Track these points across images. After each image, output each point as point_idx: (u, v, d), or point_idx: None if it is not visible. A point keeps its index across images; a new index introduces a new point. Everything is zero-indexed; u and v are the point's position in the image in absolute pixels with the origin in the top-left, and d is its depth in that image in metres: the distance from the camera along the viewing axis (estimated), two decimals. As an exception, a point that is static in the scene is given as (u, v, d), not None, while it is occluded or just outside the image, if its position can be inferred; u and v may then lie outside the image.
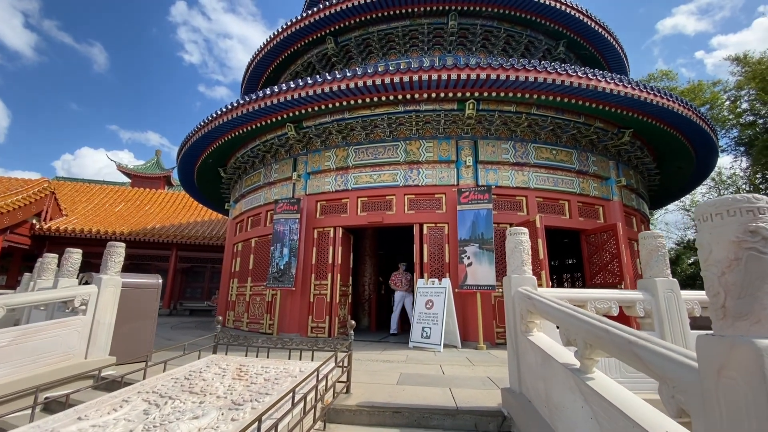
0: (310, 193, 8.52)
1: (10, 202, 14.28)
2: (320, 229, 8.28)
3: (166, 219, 19.52)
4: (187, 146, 9.75)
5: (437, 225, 7.59)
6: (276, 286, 7.81)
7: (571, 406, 2.15)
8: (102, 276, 4.43)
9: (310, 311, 7.89)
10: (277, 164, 9.32)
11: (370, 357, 5.50)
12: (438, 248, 7.48)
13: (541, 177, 7.98)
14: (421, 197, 7.82)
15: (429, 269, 7.38)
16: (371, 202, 8.06)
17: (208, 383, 3.02)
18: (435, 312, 6.42)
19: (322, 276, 8.01)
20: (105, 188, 21.71)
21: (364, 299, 10.22)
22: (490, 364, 5.10)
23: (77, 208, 18.92)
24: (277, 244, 8.02)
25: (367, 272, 10.46)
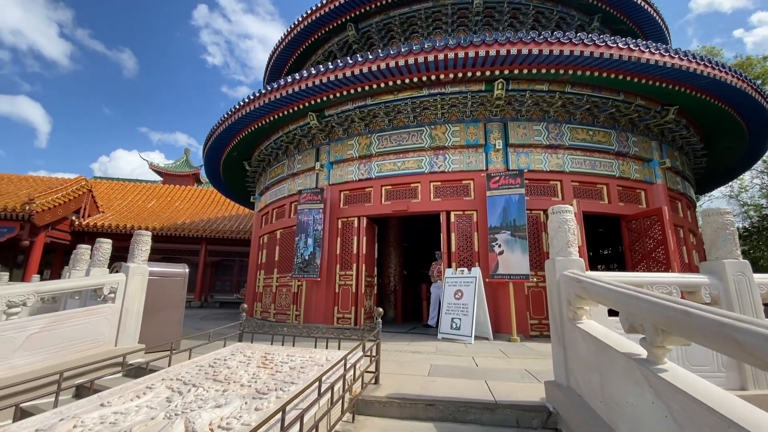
0: (333, 183, 8.38)
1: (51, 199, 15.00)
2: (344, 219, 8.13)
3: (195, 214, 20.04)
4: (212, 140, 9.82)
5: (465, 213, 7.26)
6: (301, 277, 7.74)
7: (637, 401, 1.86)
8: (129, 264, 4.43)
9: (336, 302, 7.78)
10: (300, 155, 9.23)
11: (398, 348, 5.30)
12: (466, 237, 7.17)
13: (576, 160, 7.48)
14: (447, 184, 7.51)
15: (457, 258, 7.08)
16: (395, 190, 7.82)
17: (232, 371, 2.90)
18: (465, 302, 6.14)
19: (347, 266, 7.87)
20: (138, 186, 22.53)
21: (390, 291, 10.04)
22: (526, 357, 4.78)
23: (113, 205, 19.72)
24: (302, 235, 7.94)
25: (392, 264, 10.26)
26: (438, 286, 8.10)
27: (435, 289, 8.16)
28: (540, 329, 6.68)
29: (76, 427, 2.08)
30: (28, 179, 17.43)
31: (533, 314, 6.72)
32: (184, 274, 5.20)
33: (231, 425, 2.03)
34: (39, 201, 14.32)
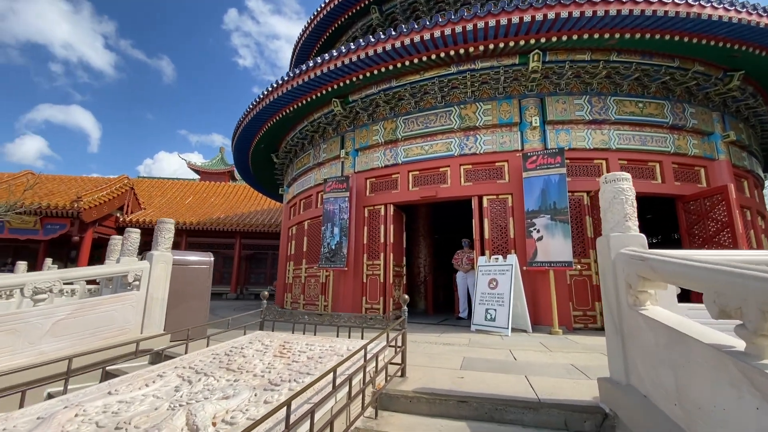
0: (358, 171, 8.13)
1: (97, 197, 15.86)
2: (370, 207, 7.87)
3: (229, 209, 20.60)
4: (239, 132, 9.85)
5: (499, 197, 6.78)
6: (328, 267, 7.58)
7: (732, 406, 1.44)
8: (153, 252, 4.40)
9: (364, 292, 7.56)
10: (325, 143, 9.05)
11: (428, 339, 4.98)
12: (500, 222, 6.69)
13: (624, 135, 6.76)
14: (479, 167, 7.04)
15: (491, 246, 6.63)
16: (423, 175, 7.44)
17: (247, 360, 2.71)
18: (500, 292, 5.70)
19: (375, 256, 7.62)
20: (176, 183, 23.48)
21: (420, 281, 9.71)
22: (570, 350, 4.31)
23: (153, 202, 20.64)
24: (328, 224, 7.76)
25: (421, 254, 9.91)
26: (463, 275, 7.68)
27: (460, 278, 7.74)
28: (584, 321, 6.12)
29: (77, 416, 1.94)
30: (77, 179, 18.56)
31: (577, 305, 6.16)
32: (209, 262, 5.14)
33: (235, 419, 1.81)
34: (86, 199, 15.18)
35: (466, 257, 7.70)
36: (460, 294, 7.72)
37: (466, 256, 7.71)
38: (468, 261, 7.63)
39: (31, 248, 18.48)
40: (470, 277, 7.55)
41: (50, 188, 16.82)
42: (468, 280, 7.58)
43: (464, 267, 7.66)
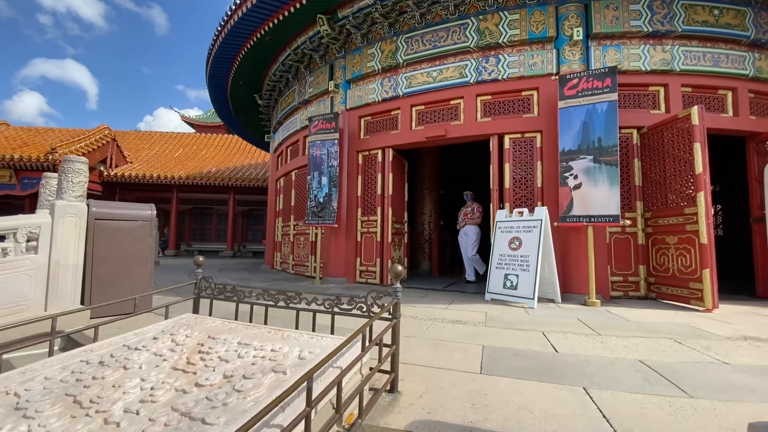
0: (351, 107, 6.69)
1: (74, 149, 14.59)
2: (365, 152, 6.53)
3: (222, 162, 19.29)
4: (211, 61, 8.26)
5: (524, 135, 5.39)
6: (315, 223, 6.41)
7: None
8: (56, 202, 3.20)
9: (358, 252, 6.45)
10: (312, 76, 7.52)
11: (433, 314, 3.89)
12: (525, 168, 5.36)
13: (692, 53, 5.20)
14: (501, 97, 5.58)
15: (512, 197, 5.36)
16: (430, 110, 6.01)
17: (125, 376, 1.59)
18: (524, 254, 4.52)
19: (370, 210, 6.41)
20: (165, 135, 22.00)
21: (424, 240, 8.58)
22: (624, 333, 3.18)
23: (140, 155, 19.35)
24: (314, 173, 6.49)
25: (426, 209, 8.69)
26: (465, 232, 6.54)
27: (461, 237, 6.60)
28: (624, 288, 4.99)
29: None
30: (55, 131, 17.19)
31: (616, 269, 5.00)
32: (149, 216, 3.96)
33: None
34: (61, 150, 13.93)
35: (463, 213, 6.52)
36: (464, 256, 6.62)
37: (463, 212, 6.52)
38: (463, 216, 6.45)
39: (15, 204, 17.61)
40: (464, 236, 6.42)
41: (25, 139, 15.53)
42: (466, 239, 6.45)
43: (459, 224, 6.53)
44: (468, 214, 6.54)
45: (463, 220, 6.58)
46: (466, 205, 6.70)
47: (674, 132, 4.65)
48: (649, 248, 4.99)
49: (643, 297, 4.96)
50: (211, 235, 19.19)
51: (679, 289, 4.51)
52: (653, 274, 4.90)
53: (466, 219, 6.54)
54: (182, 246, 18.51)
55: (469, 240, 6.43)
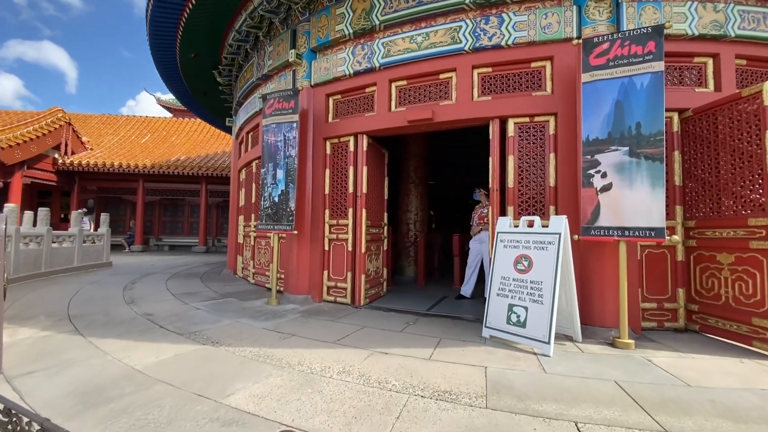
0: (316, 83, 5.37)
1: (19, 134, 12.92)
2: (334, 139, 5.26)
3: (192, 150, 17.73)
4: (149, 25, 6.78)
5: (534, 120, 4.18)
6: (268, 229, 5.15)
7: None
8: None
9: (325, 264, 5.24)
10: (271, 45, 6.15)
11: (411, 374, 2.70)
12: (535, 161, 4.17)
13: (750, 15, 4.01)
14: (504, 69, 4.34)
15: (516, 199, 4.17)
16: (413, 86, 4.75)
17: None
18: (536, 279, 3.36)
19: (340, 212, 5.18)
20: (131, 119, 20.23)
21: (408, 242, 7.41)
22: (695, 419, 2.05)
23: (103, 141, 17.67)
24: (269, 165, 5.20)
25: (412, 206, 7.50)
26: (478, 239, 5.37)
27: (475, 243, 5.43)
28: (658, 318, 3.91)
29: None
30: (2, 113, 15.39)
31: (648, 292, 3.91)
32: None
33: None
34: (3, 136, 12.27)
35: (477, 214, 5.35)
36: (470, 264, 5.46)
37: (478, 214, 5.35)
38: (480, 220, 5.28)
39: (-39, 195, 15.88)
40: (485, 243, 5.26)
41: (-38, 122, 13.77)
42: (483, 247, 5.29)
43: (473, 229, 5.34)
44: (484, 216, 5.36)
45: (478, 225, 5.40)
46: (481, 206, 5.52)
47: (734, 116, 3.50)
48: (691, 267, 3.88)
49: (682, 329, 3.88)
50: (183, 229, 17.77)
51: (735, 325, 3.43)
52: (696, 301, 3.81)
53: (482, 223, 5.36)
54: (151, 240, 17.06)
55: (486, 247, 5.26)
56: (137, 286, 6.48)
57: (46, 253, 7.62)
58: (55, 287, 6.16)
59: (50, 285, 6.39)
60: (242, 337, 3.54)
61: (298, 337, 3.54)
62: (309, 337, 3.54)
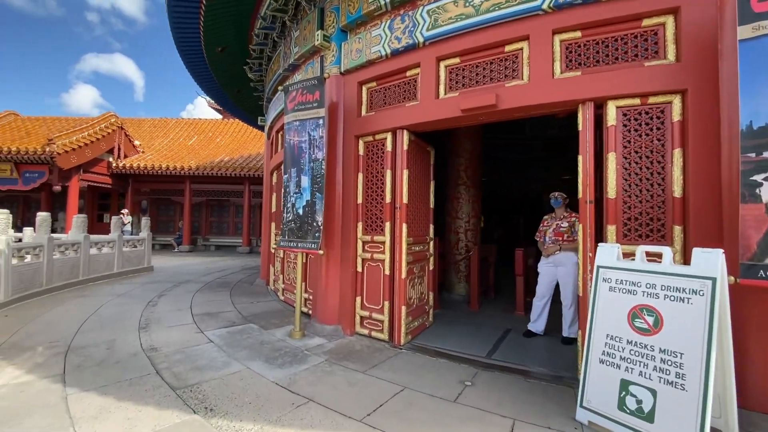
0: (347, 70, 4.43)
1: (75, 139, 13.45)
2: (368, 137, 4.29)
3: (235, 150, 17.74)
4: (170, 15, 6.23)
5: (646, 101, 2.91)
6: (291, 246, 4.32)
7: None
8: None
9: (358, 289, 4.32)
10: (298, 29, 5.31)
11: None
12: (648, 161, 2.91)
13: None
14: (600, 32, 3.10)
15: (620, 216, 2.94)
16: (469, 65, 3.64)
17: None
18: (673, 348, 2.16)
19: (375, 227, 4.22)
20: (180, 122, 20.78)
21: (458, 254, 6.30)
22: None
23: (154, 144, 18.23)
24: (291, 170, 4.36)
25: (462, 211, 6.37)
26: (552, 262, 4.18)
27: (548, 267, 4.23)
28: None
29: None
30: (61, 120, 16.30)
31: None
32: None
33: None
34: (59, 142, 12.80)
35: (553, 228, 4.15)
36: (540, 290, 4.28)
37: (553, 227, 4.16)
38: (555, 235, 4.08)
39: (34, 198, 17.15)
40: (562, 266, 4.06)
41: (29, 130, 14.67)
42: (559, 271, 4.10)
43: (547, 248, 4.16)
44: (563, 231, 4.15)
45: (554, 242, 4.21)
46: (555, 217, 4.32)
47: None
48: None
49: None
50: (228, 229, 17.92)
51: None
52: None
53: (559, 239, 4.18)
54: (199, 240, 17.37)
55: (564, 272, 4.06)
56: (162, 301, 6.01)
57: (83, 261, 7.48)
58: (79, 301, 5.85)
59: (78, 298, 6.11)
60: (246, 399, 2.72)
61: (314, 405, 2.64)
62: (329, 406, 2.63)
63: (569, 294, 4.06)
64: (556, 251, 4.13)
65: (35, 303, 5.67)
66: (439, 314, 5.02)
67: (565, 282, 4.08)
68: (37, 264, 6.20)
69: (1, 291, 5.30)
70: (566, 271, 4.05)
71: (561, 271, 4.11)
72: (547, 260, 4.24)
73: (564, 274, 4.08)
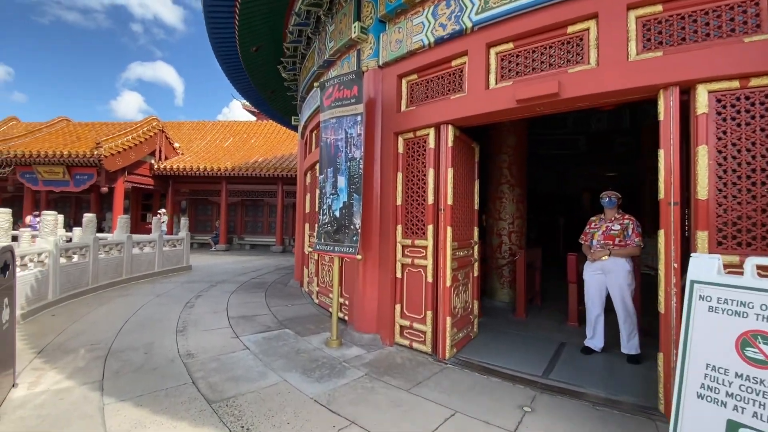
0: (386, 62, 4.16)
1: (120, 143, 14.09)
2: (408, 134, 4.01)
3: (269, 151, 17.99)
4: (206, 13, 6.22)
5: (748, 84, 2.43)
6: (327, 250, 4.11)
7: None
8: None
9: (398, 296, 4.05)
10: (333, 23, 5.10)
11: None
12: (751, 155, 2.43)
13: None
14: (684, 7, 2.64)
15: (713, 222, 2.48)
16: (524, 50, 3.26)
17: None
18: (803, 387, 1.73)
19: (416, 230, 3.94)
20: (216, 124, 21.39)
21: (501, 258, 5.90)
22: None
23: (192, 146, 18.85)
24: (328, 171, 4.15)
25: (505, 212, 5.95)
26: (600, 269, 3.74)
27: (595, 274, 3.80)
28: None
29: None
30: (108, 125, 17.15)
31: None
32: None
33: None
34: (106, 145, 13.44)
35: (602, 231, 3.72)
36: (590, 301, 3.86)
37: (602, 230, 3.73)
38: (605, 239, 3.65)
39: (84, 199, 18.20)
40: (611, 274, 3.63)
41: (79, 134, 15.53)
42: (608, 279, 3.68)
43: (594, 252, 3.74)
44: (615, 235, 3.71)
45: (603, 246, 3.76)
46: (605, 216, 3.88)
47: None
48: None
49: None
50: (262, 228, 18.25)
51: None
52: None
53: (609, 243, 3.75)
54: (234, 239, 17.80)
55: (614, 281, 3.64)
56: (199, 302, 6.02)
57: (126, 260, 7.70)
58: (121, 301, 5.97)
59: (120, 297, 6.24)
60: (283, 417, 2.52)
61: (357, 430, 2.40)
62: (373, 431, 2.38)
63: (621, 305, 3.62)
64: (604, 257, 3.68)
65: (81, 302, 5.84)
66: (482, 323, 4.66)
67: (616, 292, 3.65)
68: (83, 264, 6.40)
69: (50, 290, 5.47)
70: (617, 280, 3.62)
71: (610, 279, 3.67)
72: (593, 267, 3.80)
73: (614, 283, 3.64)
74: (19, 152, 13.19)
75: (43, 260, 5.41)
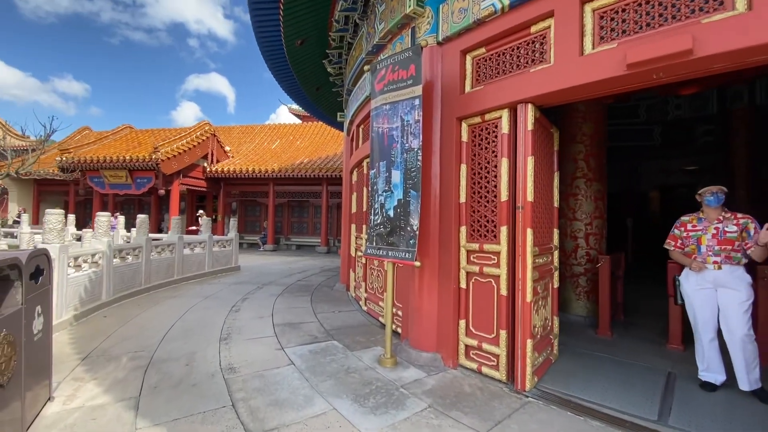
0: (446, 38, 3.58)
1: (176, 147, 14.71)
2: (474, 118, 3.39)
3: (313, 152, 18.03)
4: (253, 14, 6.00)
5: None
6: (380, 255, 3.60)
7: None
8: None
9: (462, 311, 3.45)
10: (384, 3, 4.60)
11: None
12: None
13: None
14: None
15: None
16: (633, 2, 2.53)
17: None
18: None
19: (484, 233, 3.31)
20: (264, 127, 21.91)
21: (576, 264, 5.07)
22: None
23: (241, 149, 19.39)
24: (380, 164, 3.65)
25: (581, 211, 5.12)
26: (712, 282, 2.90)
27: (704, 290, 2.95)
28: None
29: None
30: (165, 131, 18.03)
31: None
32: None
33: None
34: (163, 149, 14.08)
35: (712, 234, 2.89)
36: (700, 323, 3.02)
37: (711, 233, 2.90)
38: (722, 245, 2.81)
39: (145, 201, 19.39)
40: (728, 289, 2.78)
41: (140, 140, 16.46)
42: (721, 296, 2.84)
43: (697, 261, 2.90)
44: (733, 238, 2.85)
45: (722, 252, 2.95)
46: (707, 216, 3.03)
47: None
48: None
49: None
50: (307, 229, 18.32)
51: None
52: None
53: (727, 248, 2.90)
54: (281, 240, 18.02)
55: (733, 298, 2.81)
56: (245, 306, 5.81)
57: (177, 261, 7.76)
58: (170, 303, 5.90)
59: (170, 299, 6.20)
60: (334, 464, 2.04)
61: (429, 492, 1.85)
62: (450, 497, 1.82)
63: (739, 328, 2.75)
64: (713, 263, 2.82)
65: (133, 303, 5.84)
66: (560, 342, 3.92)
67: (733, 312, 2.78)
68: (136, 264, 6.45)
69: (104, 291, 5.50)
70: (737, 297, 2.75)
71: (726, 295, 2.82)
72: (701, 279, 2.93)
73: (732, 301, 2.79)
74: (87, 158, 14.15)
75: (97, 261, 5.44)
